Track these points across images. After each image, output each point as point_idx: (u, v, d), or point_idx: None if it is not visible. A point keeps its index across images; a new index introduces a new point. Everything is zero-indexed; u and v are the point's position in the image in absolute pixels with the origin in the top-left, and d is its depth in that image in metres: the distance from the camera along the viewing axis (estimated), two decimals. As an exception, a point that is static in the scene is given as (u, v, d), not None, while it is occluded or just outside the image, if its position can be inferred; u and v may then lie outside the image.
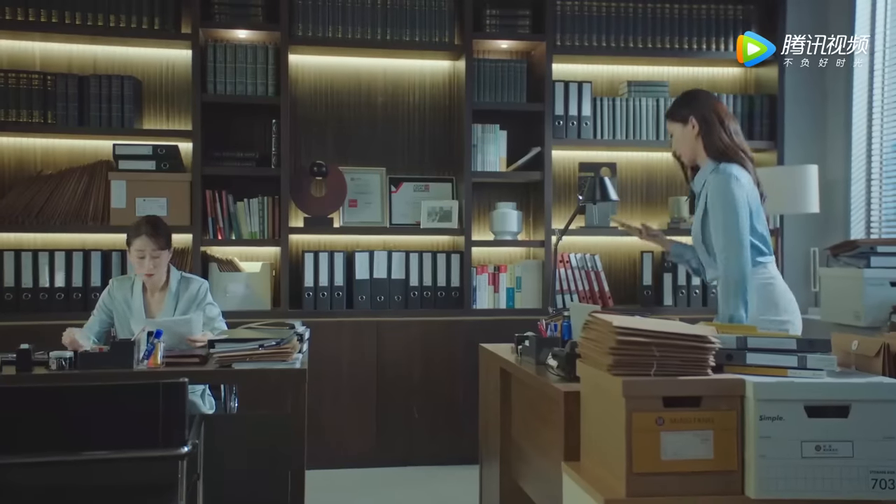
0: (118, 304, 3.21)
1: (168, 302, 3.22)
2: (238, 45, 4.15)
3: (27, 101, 3.97)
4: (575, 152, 4.58)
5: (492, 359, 3.09)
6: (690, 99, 2.75)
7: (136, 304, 3.20)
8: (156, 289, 3.24)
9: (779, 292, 2.68)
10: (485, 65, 4.36)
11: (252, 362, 2.70)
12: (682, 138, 2.73)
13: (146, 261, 3.13)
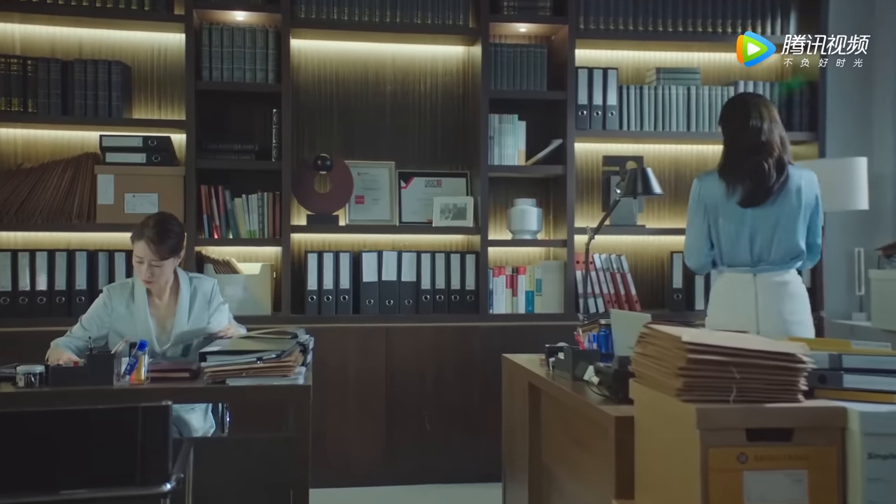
0: (118, 315, 2.84)
1: (181, 307, 2.89)
2: (235, 28, 3.84)
3: (5, 87, 3.65)
4: (599, 145, 4.26)
5: (517, 371, 2.77)
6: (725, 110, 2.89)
7: (140, 311, 2.85)
8: (163, 293, 2.90)
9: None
10: (502, 50, 4.05)
11: (249, 378, 2.38)
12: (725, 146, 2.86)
13: (144, 268, 2.79)
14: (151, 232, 2.77)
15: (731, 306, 2.79)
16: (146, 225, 2.80)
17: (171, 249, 2.81)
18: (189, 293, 2.92)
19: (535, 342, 3.82)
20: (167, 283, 2.88)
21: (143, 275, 2.79)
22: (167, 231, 2.80)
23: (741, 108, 2.80)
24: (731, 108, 2.87)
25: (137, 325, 2.83)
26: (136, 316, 2.84)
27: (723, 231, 2.79)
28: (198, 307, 2.92)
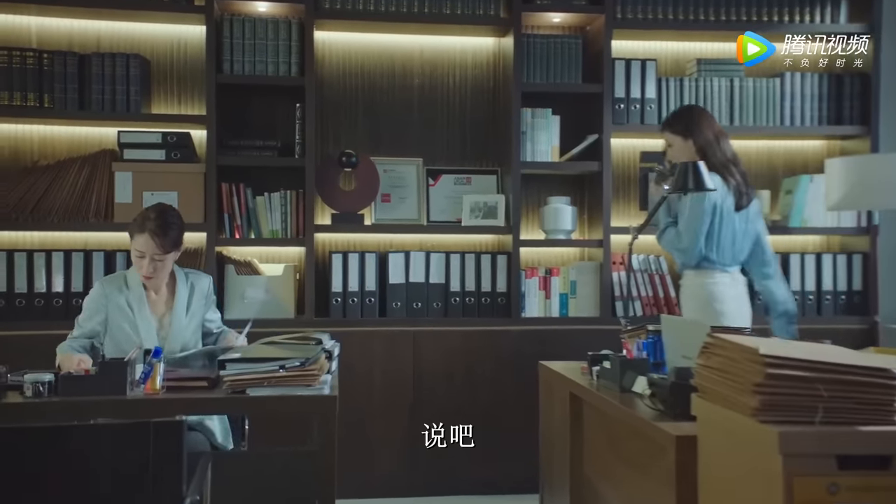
0: (115, 306, 2.69)
1: (179, 302, 2.75)
2: (258, 19, 3.69)
3: (21, 82, 3.53)
4: (637, 140, 4.06)
5: (557, 380, 2.59)
6: (692, 119, 3.15)
7: (139, 303, 2.70)
8: (158, 288, 2.76)
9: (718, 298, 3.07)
10: (535, 41, 3.87)
11: (270, 387, 2.21)
12: (682, 150, 3.12)
13: (146, 262, 2.65)
14: (153, 224, 2.63)
15: (735, 303, 3.03)
16: (147, 217, 2.66)
17: (174, 242, 2.68)
18: (187, 289, 2.78)
19: (570, 347, 3.66)
20: (162, 282, 2.74)
21: (145, 270, 2.65)
22: (169, 223, 2.66)
23: (711, 118, 3.20)
24: (703, 116, 3.18)
25: (137, 320, 2.68)
26: (134, 310, 2.69)
27: (724, 231, 3.06)
28: (195, 304, 2.78)
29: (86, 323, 2.70)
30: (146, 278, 2.67)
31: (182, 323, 2.73)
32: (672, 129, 3.17)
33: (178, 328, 2.72)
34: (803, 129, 3.98)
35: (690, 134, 3.12)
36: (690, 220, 3.04)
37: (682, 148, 3.13)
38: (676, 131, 3.15)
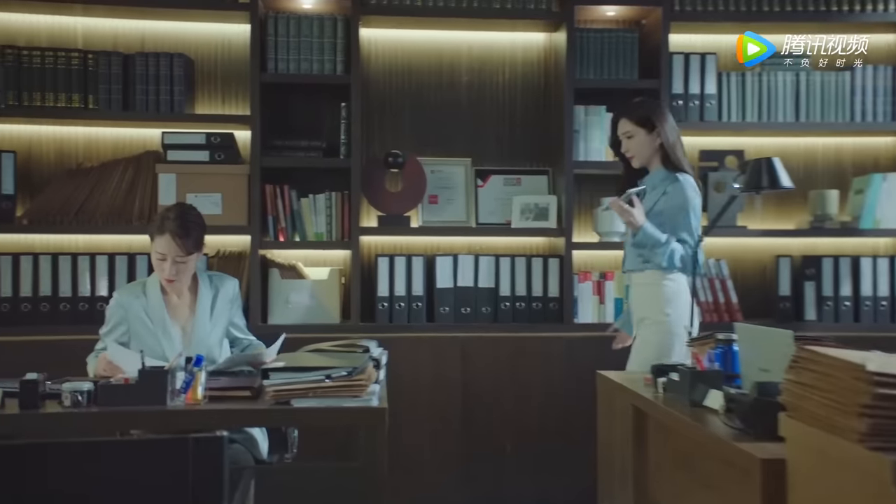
0: (134, 316, 2.60)
1: (202, 307, 2.65)
2: (302, 17, 3.60)
3: (66, 82, 3.49)
4: (695, 138, 3.87)
5: (617, 391, 2.43)
6: (660, 112, 3.02)
7: (157, 311, 2.61)
8: (180, 292, 2.66)
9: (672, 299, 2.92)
10: (588, 36, 3.71)
11: (316, 398, 2.10)
12: (645, 144, 2.98)
13: (167, 265, 2.55)
14: (174, 225, 2.53)
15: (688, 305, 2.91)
16: (166, 218, 2.56)
17: (196, 243, 2.58)
18: (210, 293, 2.67)
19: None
20: (184, 285, 2.64)
21: (167, 273, 2.54)
22: (191, 223, 2.57)
23: (668, 112, 3.04)
24: (667, 110, 3.06)
25: (158, 328, 2.59)
26: (153, 318, 2.60)
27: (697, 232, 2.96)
28: (219, 308, 2.68)
29: (108, 336, 2.61)
30: (168, 282, 2.58)
31: (206, 329, 2.63)
32: (636, 119, 2.99)
33: (202, 334, 2.62)
34: (875, 124, 3.76)
35: (656, 127, 2.96)
36: (693, 223, 2.91)
37: (644, 141, 2.98)
38: (641, 122, 2.98)
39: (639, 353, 2.95)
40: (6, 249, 3.52)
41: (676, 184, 2.94)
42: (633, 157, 3.03)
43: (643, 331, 2.96)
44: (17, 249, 3.52)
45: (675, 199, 2.92)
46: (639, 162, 3.03)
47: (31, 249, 3.55)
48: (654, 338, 2.90)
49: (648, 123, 2.97)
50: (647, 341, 2.93)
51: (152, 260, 2.61)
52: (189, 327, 2.63)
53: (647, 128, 2.97)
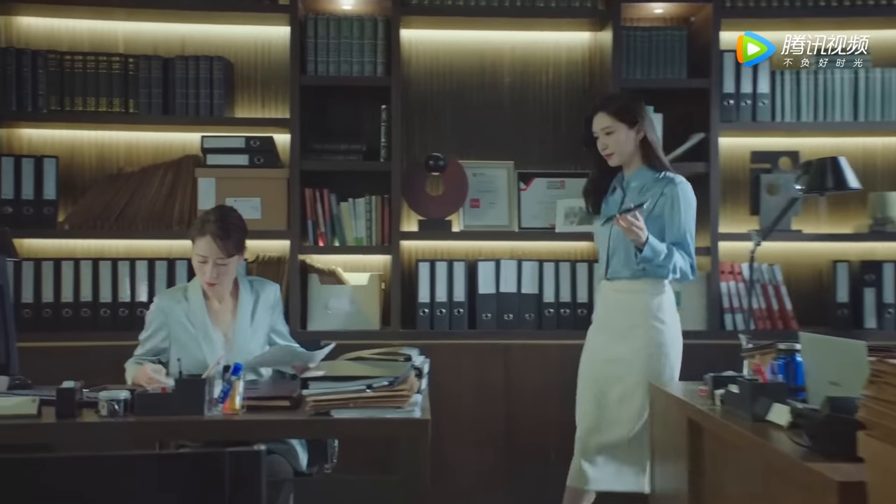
0: (175, 321, 2.56)
1: (242, 312, 2.60)
2: (342, 18, 3.55)
3: (107, 87, 3.48)
4: (747, 139, 3.75)
5: (671, 403, 2.32)
6: (642, 108, 2.88)
7: (199, 316, 2.57)
8: (222, 297, 2.61)
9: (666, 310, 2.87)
10: (635, 34, 3.61)
11: (356, 409, 2.03)
12: (626, 140, 2.83)
13: (208, 267, 2.50)
14: (214, 227, 2.50)
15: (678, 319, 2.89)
16: (207, 220, 2.53)
17: (237, 245, 2.54)
18: (251, 297, 2.62)
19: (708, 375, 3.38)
20: (226, 288, 2.59)
21: (208, 275, 2.50)
22: (231, 225, 2.53)
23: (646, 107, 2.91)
24: (642, 103, 2.91)
25: (199, 334, 2.54)
26: (195, 324, 2.55)
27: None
28: (260, 314, 2.62)
29: (148, 341, 2.58)
30: (209, 285, 2.53)
31: (246, 335, 2.59)
32: (616, 113, 2.82)
33: (243, 340, 2.57)
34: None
35: (637, 124, 2.82)
36: (692, 227, 2.83)
37: (625, 137, 2.82)
38: (622, 117, 2.82)
39: (629, 364, 2.82)
40: (48, 255, 3.52)
41: (674, 185, 2.82)
42: (611, 155, 2.86)
43: (632, 342, 2.83)
44: (58, 255, 3.52)
45: (675, 202, 2.80)
46: (618, 160, 2.87)
47: (72, 255, 3.54)
48: (646, 348, 2.79)
49: (629, 118, 2.82)
50: (638, 349, 2.81)
51: (193, 263, 2.58)
52: (230, 333, 2.59)
53: (627, 122, 2.82)
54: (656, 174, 2.85)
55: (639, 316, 2.82)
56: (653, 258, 2.72)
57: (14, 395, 2.17)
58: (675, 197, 2.80)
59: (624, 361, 2.83)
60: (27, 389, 2.31)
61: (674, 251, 2.76)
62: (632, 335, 2.83)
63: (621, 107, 2.84)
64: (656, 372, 2.77)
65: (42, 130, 3.63)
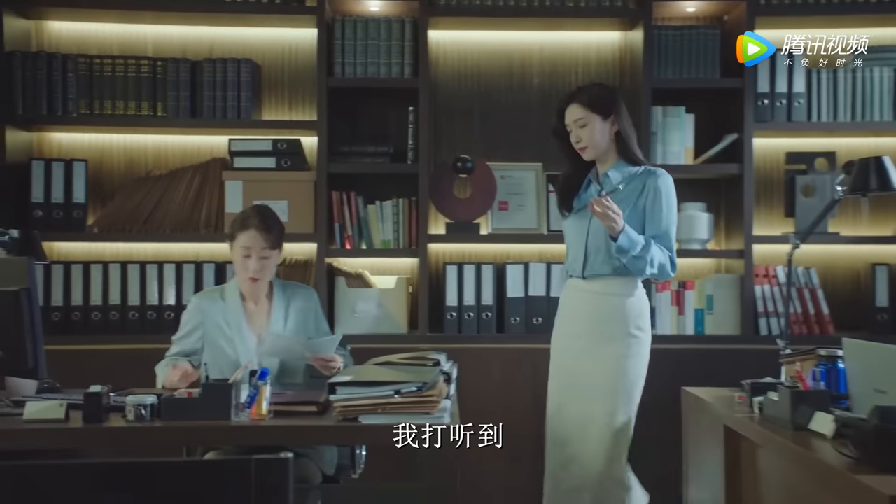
0: (212, 321, 2.57)
1: (276, 314, 2.59)
2: (370, 20, 3.52)
3: (136, 90, 3.48)
4: (781, 139, 3.66)
5: (706, 410, 2.26)
6: (617, 99, 2.73)
7: (236, 317, 2.57)
8: (258, 298, 2.61)
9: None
10: (666, 33, 3.54)
11: (385, 415, 1.99)
12: (600, 132, 2.69)
13: (252, 261, 2.52)
14: (256, 220, 2.56)
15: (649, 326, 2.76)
16: (247, 216, 2.58)
17: (278, 238, 2.59)
18: (284, 301, 2.62)
19: (708, 369, 3.31)
20: (265, 287, 2.60)
21: (252, 268, 2.52)
22: (271, 219, 2.59)
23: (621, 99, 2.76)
24: (617, 94, 2.78)
25: (235, 336, 2.54)
26: (231, 325, 2.55)
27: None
28: (296, 317, 2.61)
29: (182, 341, 2.59)
30: (253, 280, 2.53)
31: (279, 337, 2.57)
32: (589, 105, 2.66)
33: (274, 343, 2.55)
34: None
35: (612, 115, 2.67)
36: (673, 222, 2.69)
37: (599, 129, 2.67)
38: (596, 108, 2.66)
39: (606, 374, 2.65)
40: (78, 258, 3.53)
41: (656, 177, 2.68)
42: (585, 149, 2.70)
43: (606, 348, 2.66)
44: (87, 258, 3.53)
45: (658, 195, 2.65)
46: (593, 153, 2.70)
47: (101, 258, 3.55)
48: (622, 358, 2.65)
49: (603, 109, 2.67)
50: (613, 358, 2.66)
51: (235, 260, 2.57)
52: (264, 335, 2.58)
53: (602, 114, 2.67)
54: (636, 167, 2.71)
55: (612, 322, 2.66)
56: (629, 248, 2.56)
57: (42, 399, 2.17)
58: (657, 189, 2.66)
59: (597, 374, 2.66)
60: (55, 393, 2.31)
61: (651, 243, 2.60)
62: (607, 351, 2.66)
63: (594, 97, 2.68)
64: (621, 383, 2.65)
65: (72, 134, 3.65)
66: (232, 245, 2.58)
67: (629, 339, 2.66)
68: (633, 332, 2.67)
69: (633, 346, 2.67)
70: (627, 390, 2.66)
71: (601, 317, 2.68)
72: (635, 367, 2.69)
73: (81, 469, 1.53)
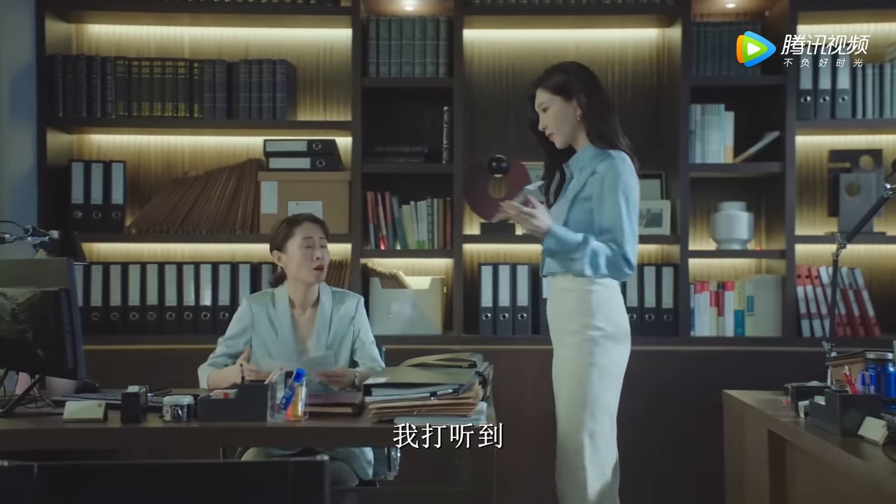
0: (261, 324, 2.57)
1: (320, 322, 2.59)
2: (404, 19, 3.51)
3: (173, 92, 3.51)
4: (824, 137, 3.58)
5: (749, 413, 2.21)
6: (578, 76, 2.51)
7: (284, 322, 2.57)
8: (307, 304, 2.61)
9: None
10: (705, 30, 3.48)
11: (420, 417, 1.97)
12: (563, 116, 2.48)
13: (315, 251, 2.55)
14: (305, 216, 2.64)
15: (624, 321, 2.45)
16: (293, 216, 2.66)
17: (328, 233, 2.66)
18: (329, 307, 2.61)
19: (748, 371, 3.25)
20: (317, 289, 2.61)
21: (317, 255, 2.55)
22: (319, 218, 2.67)
23: (598, 80, 2.55)
24: (590, 74, 2.56)
25: (281, 340, 2.54)
26: (279, 330, 2.55)
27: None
28: (337, 324, 2.60)
29: (231, 342, 2.59)
30: (319, 269, 2.56)
31: (322, 344, 2.58)
32: (550, 87, 2.47)
33: (318, 351, 2.56)
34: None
35: (575, 94, 2.44)
36: (624, 211, 2.36)
37: (561, 112, 2.45)
38: (557, 90, 2.45)
39: (558, 378, 2.46)
40: (116, 259, 3.57)
41: (607, 161, 2.41)
42: (553, 135, 2.50)
43: (563, 350, 2.46)
44: (126, 259, 3.57)
45: (605, 181, 2.39)
46: (560, 139, 2.50)
47: (139, 259, 3.59)
48: (576, 358, 2.37)
49: (564, 90, 2.46)
50: (567, 360, 2.42)
51: (296, 253, 2.56)
52: (309, 343, 2.58)
53: (563, 95, 2.46)
54: (599, 151, 2.45)
55: (570, 320, 2.41)
56: (558, 249, 2.36)
57: (81, 399, 2.19)
58: (604, 175, 2.39)
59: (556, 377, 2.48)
60: (94, 393, 2.33)
61: (590, 241, 2.35)
62: (562, 344, 2.46)
63: (557, 80, 2.49)
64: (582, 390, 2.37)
65: (111, 136, 3.69)
66: (286, 247, 2.57)
67: (589, 342, 2.37)
68: (594, 333, 2.37)
69: (597, 352, 2.37)
70: (590, 405, 2.37)
71: (559, 314, 2.47)
72: (600, 375, 2.37)
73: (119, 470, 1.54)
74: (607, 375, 2.39)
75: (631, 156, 2.47)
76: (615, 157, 2.42)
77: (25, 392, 2.20)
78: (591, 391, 2.37)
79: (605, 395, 2.39)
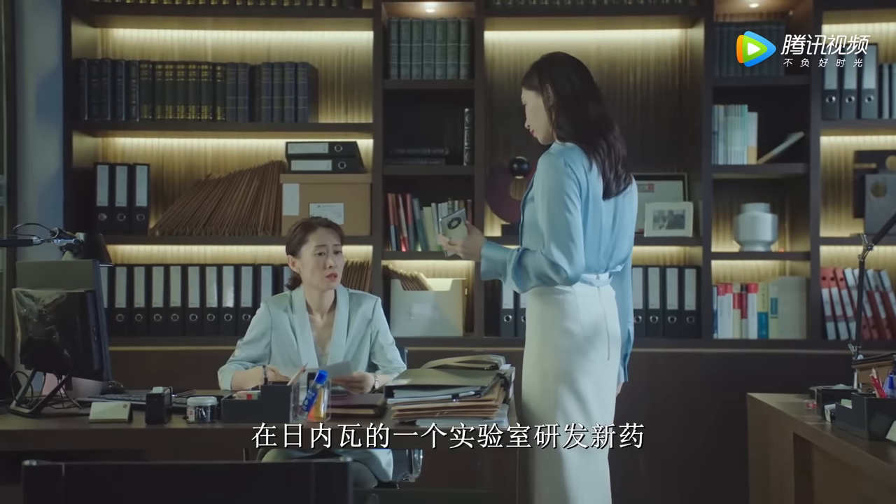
0: (281, 327, 2.58)
1: (338, 325, 2.59)
2: (426, 21, 3.51)
3: (196, 95, 3.54)
4: (849, 138, 3.55)
5: (774, 417, 2.19)
6: (549, 68, 2.30)
7: (303, 326, 2.58)
8: (324, 308, 2.61)
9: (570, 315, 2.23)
10: (728, 30, 3.46)
11: (442, 419, 1.97)
12: (536, 111, 2.31)
13: (328, 259, 2.53)
14: (320, 220, 2.62)
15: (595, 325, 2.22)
16: (309, 220, 2.65)
17: (342, 238, 2.64)
18: (347, 310, 2.61)
19: (773, 375, 3.23)
20: (332, 293, 2.61)
21: (330, 263, 2.53)
22: (334, 223, 2.66)
23: (578, 69, 2.29)
24: (564, 64, 2.30)
25: (300, 344, 2.54)
26: (297, 334, 2.56)
27: (589, 227, 2.18)
28: (356, 327, 2.60)
29: (249, 346, 2.59)
30: (331, 277, 2.54)
31: (341, 348, 2.57)
32: (525, 83, 2.34)
33: (337, 354, 2.56)
34: None
35: (542, 86, 2.26)
36: (557, 216, 2.12)
37: (534, 107, 2.29)
38: (528, 85, 2.31)
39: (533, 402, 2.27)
40: (140, 261, 3.61)
41: (542, 159, 2.24)
42: (534, 132, 2.36)
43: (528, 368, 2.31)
44: (149, 261, 3.60)
45: (536, 182, 2.23)
46: (540, 136, 2.34)
47: (162, 261, 3.62)
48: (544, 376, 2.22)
49: (534, 84, 2.29)
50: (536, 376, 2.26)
51: (309, 261, 2.54)
52: (328, 346, 2.59)
53: (535, 90, 2.29)
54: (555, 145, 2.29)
55: (533, 329, 2.29)
56: (498, 273, 2.25)
57: (107, 399, 2.21)
58: (537, 177, 2.23)
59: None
60: (119, 394, 2.35)
61: (524, 254, 2.21)
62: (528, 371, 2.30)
63: (530, 74, 2.33)
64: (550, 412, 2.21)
65: (135, 139, 3.72)
66: (300, 253, 2.56)
67: (549, 351, 2.23)
68: (557, 340, 2.21)
69: (558, 363, 2.21)
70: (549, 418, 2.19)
71: (529, 320, 2.33)
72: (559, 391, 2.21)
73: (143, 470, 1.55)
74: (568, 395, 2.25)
75: (586, 147, 2.21)
76: (547, 154, 2.25)
77: (52, 393, 2.23)
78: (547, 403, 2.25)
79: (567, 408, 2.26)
